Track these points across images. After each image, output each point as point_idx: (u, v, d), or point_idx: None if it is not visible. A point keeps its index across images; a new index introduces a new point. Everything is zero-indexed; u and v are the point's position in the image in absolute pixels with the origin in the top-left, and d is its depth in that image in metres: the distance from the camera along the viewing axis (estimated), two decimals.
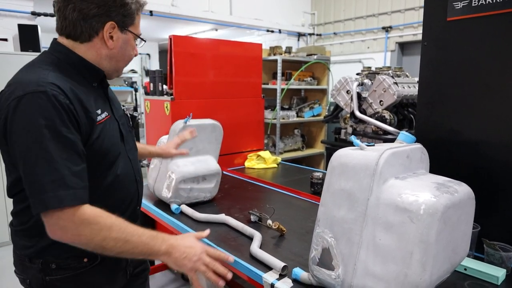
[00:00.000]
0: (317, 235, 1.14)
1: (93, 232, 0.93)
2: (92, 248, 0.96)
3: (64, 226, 0.92)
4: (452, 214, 0.97)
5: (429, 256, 0.92)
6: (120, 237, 0.95)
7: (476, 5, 1.34)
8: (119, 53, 1.11)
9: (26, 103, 0.91)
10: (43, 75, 0.97)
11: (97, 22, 1.04)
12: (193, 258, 1.03)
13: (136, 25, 1.12)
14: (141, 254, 1.00)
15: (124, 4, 1.05)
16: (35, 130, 0.90)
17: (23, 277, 1.09)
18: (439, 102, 1.49)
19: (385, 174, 1.02)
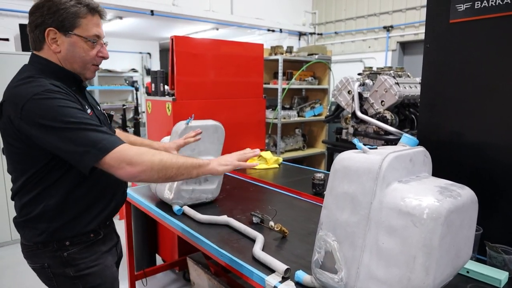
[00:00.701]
0: (320, 238, 1.14)
1: (149, 156, 1.13)
2: (157, 171, 1.13)
3: (129, 160, 1.09)
4: (455, 218, 0.97)
5: (432, 260, 0.92)
6: (170, 156, 1.18)
7: (479, 7, 1.34)
8: (67, 56, 1.20)
9: (39, 100, 1.07)
10: (39, 81, 1.12)
11: (40, 31, 1.17)
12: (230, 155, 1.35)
13: (84, 27, 1.19)
14: (193, 167, 1.21)
15: (58, 10, 1.14)
16: (59, 111, 1.07)
17: (40, 264, 1.22)
18: (441, 104, 1.49)
19: (388, 178, 1.02)
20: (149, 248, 2.93)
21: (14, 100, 1.10)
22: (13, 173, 1.22)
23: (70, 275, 1.23)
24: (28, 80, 1.13)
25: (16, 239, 3.59)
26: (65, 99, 1.12)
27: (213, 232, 1.66)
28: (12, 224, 3.53)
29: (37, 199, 1.18)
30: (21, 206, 1.21)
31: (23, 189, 1.20)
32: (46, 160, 1.15)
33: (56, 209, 1.20)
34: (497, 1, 1.30)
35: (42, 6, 1.15)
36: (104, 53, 1.26)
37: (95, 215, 1.28)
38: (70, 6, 1.16)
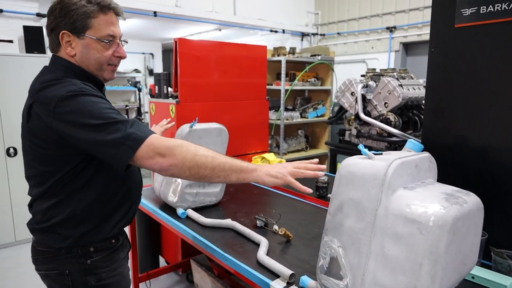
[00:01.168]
0: (325, 243, 1.14)
1: (183, 149, 1.06)
2: (188, 168, 1.06)
3: (162, 151, 1.05)
4: (461, 225, 0.97)
5: (438, 268, 0.92)
6: (208, 154, 1.09)
7: (485, 12, 1.34)
8: (82, 58, 1.18)
9: (70, 97, 1.06)
10: (71, 81, 1.12)
11: (55, 34, 1.16)
12: (284, 167, 1.16)
13: (96, 27, 1.15)
14: (233, 170, 1.10)
15: (68, 12, 1.12)
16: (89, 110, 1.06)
17: (59, 271, 1.19)
18: (446, 108, 1.48)
19: (393, 184, 1.02)
20: (153, 250, 2.94)
21: (44, 100, 1.08)
22: (36, 177, 1.18)
23: (90, 284, 1.20)
24: (57, 81, 1.11)
25: (20, 240, 3.61)
26: (96, 95, 1.11)
27: (217, 236, 1.66)
28: (15, 225, 3.58)
29: (64, 202, 1.16)
30: (44, 210, 1.17)
31: (48, 193, 1.16)
32: (76, 162, 1.13)
33: (84, 213, 1.17)
34: (503, 6, 1.29)
35: (55, 9, 1.14)
36: (121, 53, 1.22)
37: (119, 219, 1.27)
38: (80, 7, 1.12)
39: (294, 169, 1.16)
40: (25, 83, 3.84)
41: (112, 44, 1.19)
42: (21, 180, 3.59)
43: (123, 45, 1.24)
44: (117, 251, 1.28)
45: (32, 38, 3.59)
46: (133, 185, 1.31)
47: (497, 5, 1.30)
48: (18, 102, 3.40)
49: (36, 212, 1.21)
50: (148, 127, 3.38)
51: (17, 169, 3.53)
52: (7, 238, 3.57)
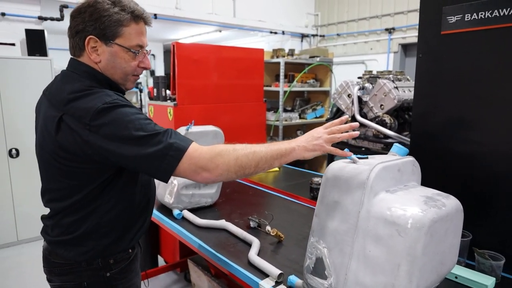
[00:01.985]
0: (311, 244, 1.19)
1: (224, 157, 1.05)
2: (234, 172, 1.06)
3: (204, 165, 1.04)
4: (439, 227, 1.01)
5: (416, 268, 0.96)
6: (247, 152, 1.07)
7: (469, 19, 1.38)
8: (108, 66, 1.13)
9: (107, 110, 1.02)
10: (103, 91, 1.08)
11: (80, 38, 1.10)
12: (317, 135, 1.13)
13: (127, 36, 1.11)
14: (274, 158, 1.09)
15: (100, 17, 1.07)
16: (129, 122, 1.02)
17: (76, 283, 1.16)
18: (433, 113, 1.52)
19: (375, 188, 1.06)
20: (152, 250, 2.99)
21: (78, 113, 1.03)
22: (60, 191, 1.13)
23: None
24: (88, 91, 1.06)
25: (21, 239, 3.68)
26: (131, 106, 1.07)
27: (211, 236, 1.71)
28: (17, 225, 3.64)
29: (91, 215, 1.13)
30: (69, 223, 1.13)
31: (74, 206, 1.12)
32: (105, 176, 1.10)
33: (109, 225, 1.15)
34: (487, 14, 1.33)
35: (84, 12, 1.08)
36: (146, 64, 1.19)
37: (137, 230, 1.26)
38: (113, 14, 1.07)
39: (329, 136, 1.13)
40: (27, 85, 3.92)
41: (139, 54, 1.15)
42: (22, 180, 3.66)
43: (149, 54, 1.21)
44: (133, 261, 1.27)
45: (34, 41, 3.65)
46: (151, 196, 1.32)
47: (481, 13, 1.34)
48: (20, 104, 3.49)
49: (58, 225, 1.16)
50: None
51: (19, 170, 3.59)
52: (9, 237, 3.63)
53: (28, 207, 3.66)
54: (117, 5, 1.09)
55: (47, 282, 1.25)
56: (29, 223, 3.69)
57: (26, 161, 3.61)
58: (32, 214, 3.69)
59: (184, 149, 1.04)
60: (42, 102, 1.19)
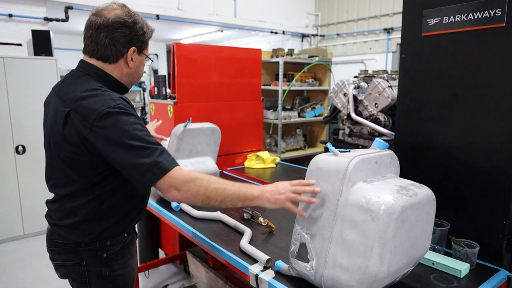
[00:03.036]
0: (296, 231, 1.28)
1: (196, 185, 1.18)
2: (200, 200, 1.20)
3: (177, 185, 1.16)
4: (410, 214, 1.10)
5: (387, 250, 1.05)
6: (218, 186, 1.21)
7: (447, 22, 1.46)
8: (135, 72, 1.35)
9: (109, 114, 1.14)
10: (109, 93, 1.20)
11: (123, 47, 1.27)
12: (282, 191, 1.24)
13: (148, 48, 1.38)
14: (239, 200, 1.23)
15: (144, 33, 1.31)
16: (126, 130, 1.14)
17: (76, 261, 1.29)
18: (415, 109, 1.61)
19: (353, 178, 1.16)
20: (153, 243, 3.10)
21: (83, 111, 1.15)
22: (64, 178, 1.25)
23: (105, 275, 1.31)
24: (96, 92, 1.18)
25: (28, 233, 3.81)
26: (133, 114, 1.19)
27: (206, 227, 1.81)
28: (24, 219, 3.76)
29: (91, 203, 1.24)
30: (71, 208, 1.25)
31: (74, 194, 1.24)
32: (105, 168, 1.22)
33: (107, 212, 1.28)
34: (462, 17, 1.42)
35: (130, 27, 1.25)
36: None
37: (133, 217, 1.38)
38: (148, 32, 1.33)
39: (292, 195, 1.24)
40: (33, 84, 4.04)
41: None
42: (29, 176, 3.78)
43: None
44: (129, 244, 1.39)
45: (40, 41, 3.77)
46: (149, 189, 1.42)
47: (457, 16, 1.43)
48: (27, 103, 3.62)
49: (61, 209, 1.28)
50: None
51: (25, 166, 3.71)
52: (16, 231, 3.76)
53: (34, 202, 3.78)
54: (148, 26, 1.34)
55: (52, 274, 1.36)
56: (35, 217, 3.82)
57: (32, 158, 3.73)
58: (38, 209, 3.82)
59: (167, 171, 1.15)
60: (52, 98, 1.32)
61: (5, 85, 3.54)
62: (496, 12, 1.33)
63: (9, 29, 3.82)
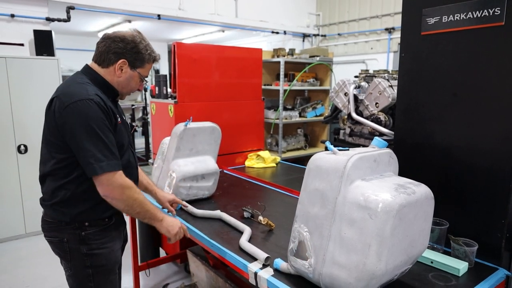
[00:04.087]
0: (294, 229, 1.29)
1: (130, 193, 1.42)
2: (123, 206, 1.43)
3: (114, 187, 1.37)
4: (408, 212, 1.10)
5: (385, 248, 1.05)
6: (142, 202, 1.46)
7: (446, 21, 1.47)
8: (123, 83, 1.53)
9: (81, 105, 1.34)
10: (88, 88, 1.41)
11: (115, 57, 1.48)
12: (176, 228, 1.59)
13: (145, 69, 1.55)
14: (147, 218, 1.51)
15: (138, 52, 1.49)
16: (88, 124, 1.34)
17: (60, 238, 1.46)
18: (414, 109, 1.61)
19: (352, 176, 1.16)
20: (153, 242, 3.11)
21: (63, 98, 1.36)
22: (45, 156, 1.46)
23: (83, 252, 1.45)
24: (77, 86, 1.40)
25: (30, 232, 3.82)
26: (99, 111, 1.37)
27: (206, 225, 1.81)
28: (26, 218, 3.78)
29: (66, 185, 1.42)
30: (52, 190, 1.44)
31: (53, 174, 1.43)
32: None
33: (81, 196, 1.43)
34: (462, 16, 1.42)
35: (128, 43, 1.47)
36: (141, 88, 1.62)
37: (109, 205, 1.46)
38: (146, 54, 1.51)
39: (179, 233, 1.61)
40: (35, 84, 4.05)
41: (142, 82, 1.59)
42: (30, 175, 3.81)
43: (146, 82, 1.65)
44: (109, 228, 1.52)
45: (41, 41, 3.79)
46: (131, 176, 1.54)
47: (457, 15, 1.43)
48: (29, 102, 3.64)
49: (46, 191, 1.48)
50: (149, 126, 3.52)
51: (27, 165, 3.73)
52: (18, 230, 3.77)
53: (36, 201, 3.73)
54: (147, 48, 1.53)
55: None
56: (36, 216, 3.79)
57: (34, 157, 3.74)
58: (39, 208, 3.80)
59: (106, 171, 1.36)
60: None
61: (7, 85, 3.55)
62: (496, 11, 1.34)
63: (11, 29, 3.83)
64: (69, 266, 1.48)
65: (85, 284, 1.48)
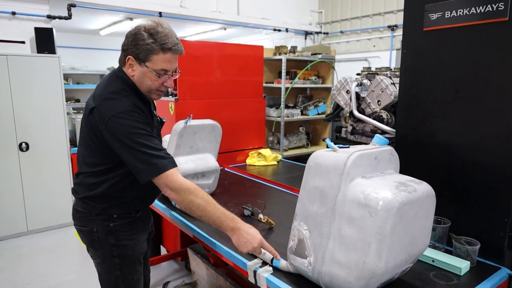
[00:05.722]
0: (294, 227, 1.28)
1: (185, 194, 1.39)
2: (183, 207, 1.43)
3: (172, 187, 1.37)
4: (409, 210, 1.09)
5: (385, 246, 1.04)
6: (201, 204, 1.40)
7: (449, 16, 1.44)
8: (138, 80, 1.46)
9: (125, 115, 1.36)
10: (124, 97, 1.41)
11: (123, 55, 1.45)
12: (252, 245, 1.38)
13: (154, 62, 1.41)
14: (213, 223, 1.43)
15: (137, 44, 1.40)
16: (132, 131, 1.35)
17: (90, 228, 1.51)
18: (416, 106, 1.60)
19: (352, 174, 1.15)
20: (154, 240, 3.10)
21: (101, 111, 1.37)
22: (86, 157, 1.49)
23: (111, 242, 1.51)
24: (114, 97, 1.40)
25: (31, 229, 3.83)
26: (139, 120, 1.38)
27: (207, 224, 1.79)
28: (27, 216, 3.79)
29: (101, 183, 1.47)
30: (87, 185, 1.49)
31: (91, 172, 1.48)
32: (113, 159, 1.42)
33: (114, 194, 1.49)
34: (464, 11, 1.40)
35: (130, 36, 1.41)
36: (169, 84, 1.49)
37: (141, 201, 1.59)
38: (146, 44, 1.38)
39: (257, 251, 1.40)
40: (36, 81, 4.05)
41: (163, 76, 1.45)
42: (32, 173, 3.81)
43: (177, 75, 1.54)
44: (136, 221, 1.57)
45: (43, 39, 3.78)
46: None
47: (460, 11, 1.41)
48: (30, 100, 3.64)
49: (81, 184, 1.52)
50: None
51: (29, 163, 3.73)
52: (19, 228, 3.78)
53: (37, 199, 3.80)
54: (152, 37, 1.38)
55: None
56: (38, 214, 3.84)
57: (36, 155, 3.75)
58: (41, 205, 3.84)
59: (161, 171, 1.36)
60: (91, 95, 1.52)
61: (9, 83, 3.55)
62: (499, 6, 1.31)
63: (12, 27, 3.83)
64: (98, 254, 1.53)
65: (112, 272, 1.54)
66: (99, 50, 7.27)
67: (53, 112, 3.79)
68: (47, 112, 3.76)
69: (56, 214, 3.94)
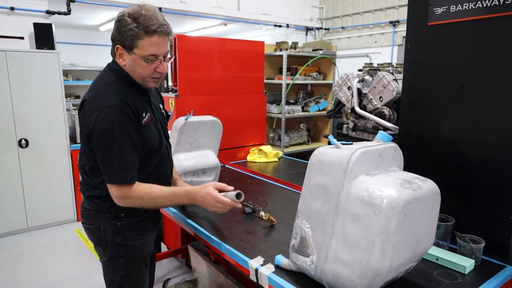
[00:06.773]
0: (296, 225, 1.26)
1: (132, 201, 1.39)
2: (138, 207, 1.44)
3: (122, 196, 1.37)
4: (414, 208, 1.06)
5: (389, 245, 1.02)
6: (150, 201, 1.42)
7: (454, 11, 1.42)
8: (130, 69, 1.40)
9: (106, 112, 1.31)
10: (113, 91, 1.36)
11: (113, 45, 1.39)
12: (209, 206, 1.44)
13: (141, 47, 1.33)
14: (172, 206, 1.46)
15: (121, 31, 1.33)
16: (111, 131, 1.31)
17: (97, 226, 1.49)
18: (420, 102, 1.57)
19: (355, 171, 1.12)
20: None
21: (91, 104, 1.34)
22: (80, 154, 1.48)
23: (117, 242, 1.48)
24: (105, 90, 1.36)
25: (31, 226, 3.82)
26: (121, 121, 1.32)
27: (208, 221, 1.78)
28: (27, 212, 3.78)
29: (102, 183, 1.42)
30: (91, 185, 1.46)
31: (89, 171, 1.44)
32: None
33: None
34: (470, 5, 1.37)
35: (115, 25, 1.35)
36: (161, 69, 1.41)
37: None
38: (129, 29, 1.30)
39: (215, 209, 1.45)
40: (36, 77, 4.02)
41: (154, 62, 1.37)
42: (31, 170, 3.78)
43: (170, 59, 1.46)
44: (144, 220, 1.53)
45: (42, 34, 3.75)
46: (162, 175, 1.56)
47: (465, 5, 1.38)
48: (29, 96, 3.61)
49: (84, 183, 1.50)
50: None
51: (28, 160, 3.71)
52: (19, 224, 3.77)
53: (37, 195, 3.79)
54: (135, 22, 1.31)
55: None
56: (38, 210, 3.82)
57: (35, 151, 3.73)
58: (40, 202, 3.82)
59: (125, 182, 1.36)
60: None
61: (7, 79, 3.53)
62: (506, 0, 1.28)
63: (11, 22, 3.79)
64: (104, 253, 1.51)
65: (117, 272, 1.51)
66: (99, 46, 7.22)
67: (52, 108, 3.76)
68: (46, 109, 3.74)
69: (56, 210, 3.92)
